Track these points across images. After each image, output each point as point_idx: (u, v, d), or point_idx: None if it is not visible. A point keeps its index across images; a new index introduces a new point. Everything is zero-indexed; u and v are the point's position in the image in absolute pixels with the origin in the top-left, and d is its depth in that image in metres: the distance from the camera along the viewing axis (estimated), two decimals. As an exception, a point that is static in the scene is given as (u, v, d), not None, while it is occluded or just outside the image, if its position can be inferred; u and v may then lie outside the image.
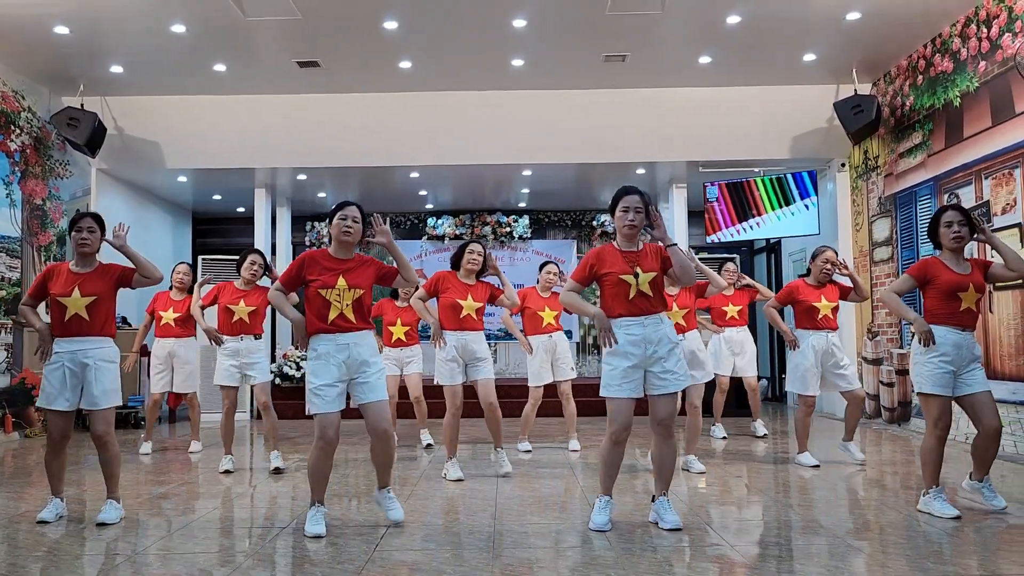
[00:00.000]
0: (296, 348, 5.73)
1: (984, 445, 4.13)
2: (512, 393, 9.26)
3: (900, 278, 4.32)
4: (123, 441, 7.25)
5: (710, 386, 6.11)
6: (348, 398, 3.85)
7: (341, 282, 3.80)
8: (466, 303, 5.19)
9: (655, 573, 3.08)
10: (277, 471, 5.50)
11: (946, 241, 4.18)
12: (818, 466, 5.49)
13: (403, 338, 6.68)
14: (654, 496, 3.91)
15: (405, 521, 3.95)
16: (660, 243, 3.90)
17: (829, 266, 5.64)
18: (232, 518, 4.18)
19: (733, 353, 7.08)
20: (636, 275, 3.79)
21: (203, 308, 5.96)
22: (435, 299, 5.33)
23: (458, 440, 5.29)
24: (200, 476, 5.49)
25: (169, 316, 6.65)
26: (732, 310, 7.05)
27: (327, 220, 4.02)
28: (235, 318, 5.65)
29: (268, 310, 6.05)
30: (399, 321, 6.66)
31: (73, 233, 4.17)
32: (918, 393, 4.16)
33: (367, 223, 3.98)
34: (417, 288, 5.16)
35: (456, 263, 5.33)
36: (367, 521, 4.01)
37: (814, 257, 5.75)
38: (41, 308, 4.28)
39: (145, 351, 7.91)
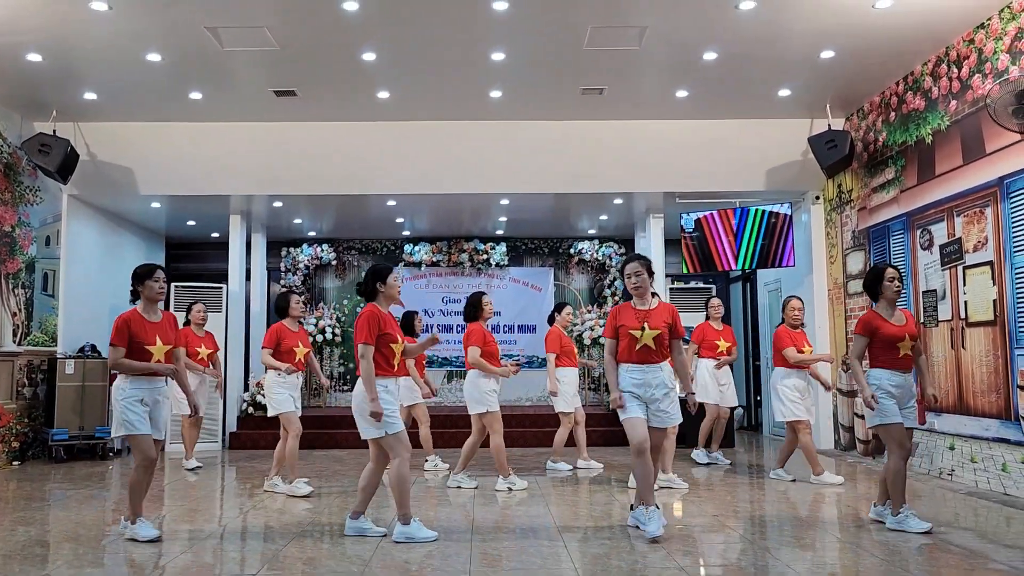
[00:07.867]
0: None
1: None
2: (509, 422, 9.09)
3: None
4: (90, 474, 7.09)
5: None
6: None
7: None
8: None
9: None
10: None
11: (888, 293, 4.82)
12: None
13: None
14: (632, 505, 4.67)
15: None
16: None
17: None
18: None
19: (719, 384, 7.51)
20: (643, 330, 4.59)
21: (271, 352, 6.19)
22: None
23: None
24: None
25: (203, 352, 7.65)
26: (723, 344, 7.51)
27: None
28: (297, 358, 6.19)
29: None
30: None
31: (149, 282, 4.56)
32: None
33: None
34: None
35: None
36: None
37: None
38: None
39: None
